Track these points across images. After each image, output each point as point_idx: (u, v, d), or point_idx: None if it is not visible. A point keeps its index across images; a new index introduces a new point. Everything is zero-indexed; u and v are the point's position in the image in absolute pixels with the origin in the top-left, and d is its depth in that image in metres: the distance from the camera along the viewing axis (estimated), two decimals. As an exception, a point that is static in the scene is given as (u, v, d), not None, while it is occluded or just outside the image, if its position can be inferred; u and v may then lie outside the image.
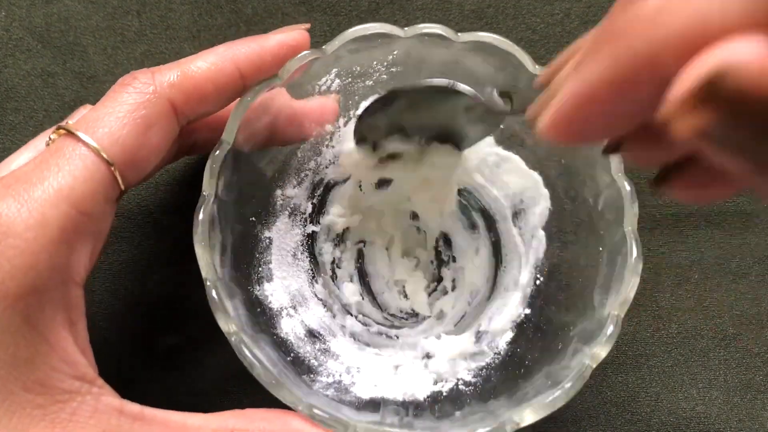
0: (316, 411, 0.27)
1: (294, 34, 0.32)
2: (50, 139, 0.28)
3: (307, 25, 0.33)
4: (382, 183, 0.40)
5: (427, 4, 0.42)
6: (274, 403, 0.28)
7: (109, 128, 0.28)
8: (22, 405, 0.25)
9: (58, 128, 0.28)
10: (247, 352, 0.27)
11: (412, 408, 0.33)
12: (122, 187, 0.28)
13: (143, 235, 0.39)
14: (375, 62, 0.34)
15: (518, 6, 0.42)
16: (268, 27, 0.41)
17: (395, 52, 0.33)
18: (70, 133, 0.28)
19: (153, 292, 0.39)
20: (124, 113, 0.28)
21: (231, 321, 0.28)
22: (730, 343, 0.40)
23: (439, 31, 0.31)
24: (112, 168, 0.27)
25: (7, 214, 0.25)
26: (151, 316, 0.39)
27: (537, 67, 0.32)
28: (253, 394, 0.28)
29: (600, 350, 0.28)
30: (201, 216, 0.28)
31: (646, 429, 0.39)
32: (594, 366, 0.28)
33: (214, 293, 0.28)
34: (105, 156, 0.27)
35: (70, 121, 0.29)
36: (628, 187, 0.30)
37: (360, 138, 0.36)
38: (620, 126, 0.17)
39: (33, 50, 0.40)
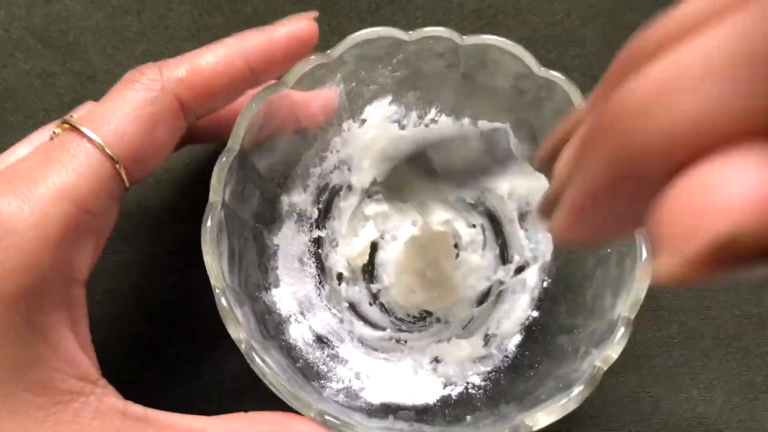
0: (327, 417, 0.27)
1: (302, 25, 0.31)
2: (54, 133, 0.28)
3: (315, 14, 0.32)
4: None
5: (427, 4, 0.42)
6: (276, 405, 0.28)
7: (114, 125, 0.27)
8: (24, 406, 0.24)
9: (63, 122, 0.27)
10: (258, 360, 0.27)
11: (422, 413, 0.33)
12: (127, 184, 0.28)
13: (143, 235, 0.39)
14: (380, 66, 0.33)
15: (518, 6, 0.42)
16: (268, 27, 0.41)
17: (400, 56, 0.33)
18: (75, 129, 0.27)
19: (154, 292, 0.39)
20: (130, 110, 0.28)
21: (241, 329, 0.27)
22: (731, 343, 0.40)
23: (445, 35, 0.31)
24: (117, 165, 0.27)
25: (8, 211, 0.24)
26: (152, 316, 0.38)
27: (542, 69, 0.32)
28: (255, 395, 0.28)
29: (611, 352, 0.28)
30: (209, 223, 0.28)
31: (646, 429, 0.39)
32: (605, 369, 0.28)
33: (223, 301, 0.27)
34: (110, 153, 0.27)
35: (75, 116, 0.28)
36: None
37: (390, 186, 0.35)
38: (634, 221, 0.15)
39: (33, 50, 0.40)
